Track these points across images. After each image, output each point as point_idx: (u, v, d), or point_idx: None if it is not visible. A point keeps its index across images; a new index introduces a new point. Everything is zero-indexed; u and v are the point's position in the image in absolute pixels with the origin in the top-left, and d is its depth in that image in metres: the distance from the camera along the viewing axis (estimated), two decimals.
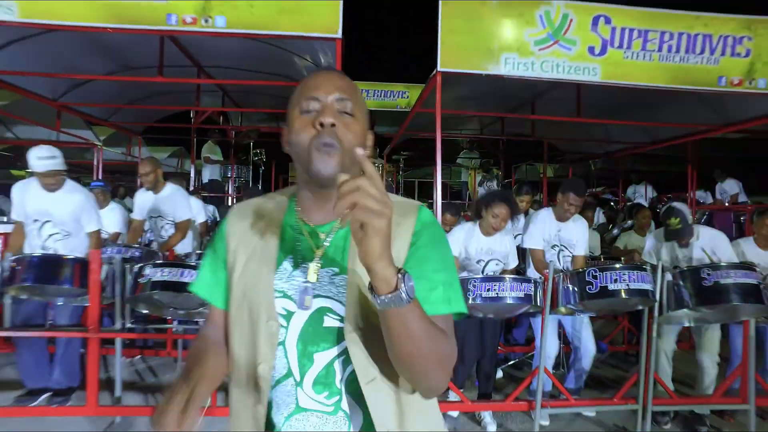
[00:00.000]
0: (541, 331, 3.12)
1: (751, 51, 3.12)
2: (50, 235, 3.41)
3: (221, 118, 8.51)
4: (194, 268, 2.97)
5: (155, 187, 4.24)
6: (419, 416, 0.95)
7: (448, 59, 2.97)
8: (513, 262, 3.40)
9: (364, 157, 0.73)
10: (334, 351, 0.94)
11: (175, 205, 4.28)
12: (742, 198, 8.32)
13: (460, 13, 2.98)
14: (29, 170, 3.39)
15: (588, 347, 3.49)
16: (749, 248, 3.46)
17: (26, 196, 3.40)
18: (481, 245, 3.28)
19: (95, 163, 6.45)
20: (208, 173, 8.75)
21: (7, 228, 4.48)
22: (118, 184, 8.96)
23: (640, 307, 3.12)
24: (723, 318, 3.31)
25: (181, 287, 2.94)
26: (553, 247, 3.54)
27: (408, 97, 8.40)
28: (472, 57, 3.01)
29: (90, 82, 4.78)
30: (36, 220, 3.39)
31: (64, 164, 3.38)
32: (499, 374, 4.11)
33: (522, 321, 4.68)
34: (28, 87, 4.40)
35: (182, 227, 4.25)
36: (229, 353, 1.01)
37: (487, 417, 3.30)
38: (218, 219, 5.93)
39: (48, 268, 3.05)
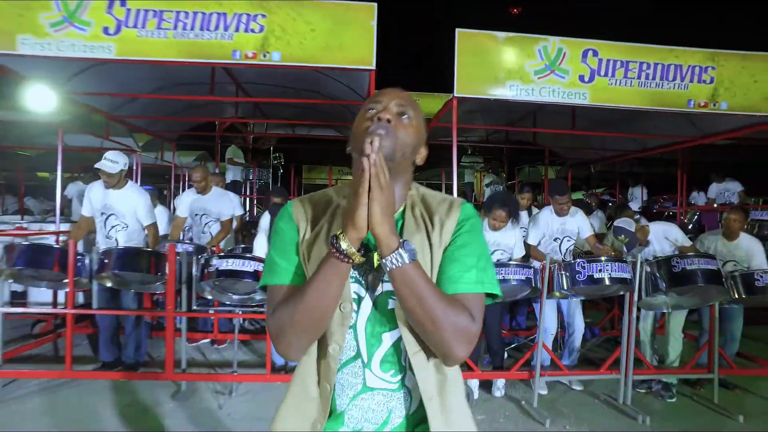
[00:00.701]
0: (540, 312, 3.74)
1: (715, 78, 3.73)
2: (113, 227, 4.05)
3: (251, 126, 9.11)
4: (252, 259, 3.59)
5: (204, 190, 4.88)
6: (456, 385, 1.06)
7: (463, 86, 3.59)
8: (519, 253, 3.99)
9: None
10: (398, 332, 1.03)
11: (221, 205, 4.92)
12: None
13: (472, 47, 3.60)
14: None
15: (578, 326, 4.10)
16: (717, 239, 4.07)
17: (93, 194, 4.03)
18: (489, 239, 3.90)
19: (134, 167, 7.09)
20: (231, 175, 9.38)
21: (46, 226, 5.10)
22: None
23: (622, 293, 3.73)
24: (694, 303, 3.92)
25: (241, 275, 3.57)
26: (555, 239, 4.16)
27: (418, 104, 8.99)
28: (483, 84, 3.62)
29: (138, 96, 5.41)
30: (102, 214, 4.02)
31: (123, 170, 3.99)
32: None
33: (523, 308, 5.29)
34: (91, 103, 5.03)
35: (226, 225, 4.88)
36: None
37: (498, 383, 3.93)
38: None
39: (130, 258, 3.68)
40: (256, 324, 5.60)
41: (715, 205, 8.51)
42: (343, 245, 0.91)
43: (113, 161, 3.83)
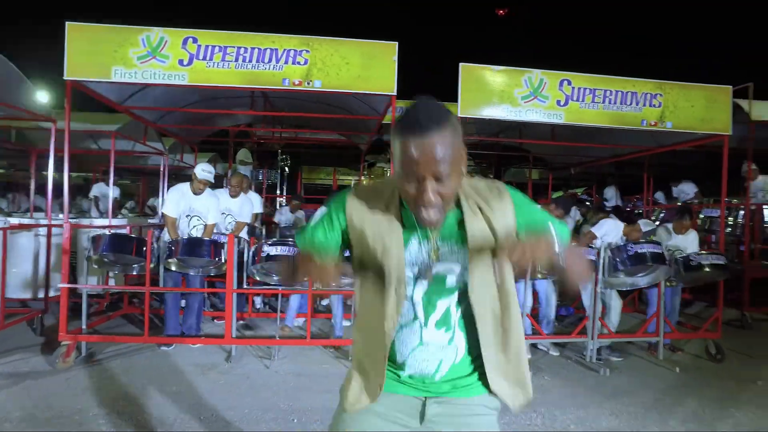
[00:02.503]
0: (525, 289, 4.66)
1: (662, 103, 4.70)
2: (195, 227, 4.84)
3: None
4: (294, 245, 4.44)
5: (236, 195, 5.69)
6: (516, 335, 1.31)
7: (465, 108, 4.49)
8: None
9: None
10: (451, 300, 1.24)
11: (243, 208, 5.73)
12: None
13: (472, 77, 4.50)
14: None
15: (552, 301, 5.02)
16: (666, 232, 5.07)
17: (179, 198, 4.83)
18: None
19: (162, 168, 7.85)
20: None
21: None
22: None
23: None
24: (648, 281, 4.87)
25: (285, 258, 4.42)
26: None
27: None
28: (480, 106, 4.53)
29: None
30: (187, 216, 4.82)
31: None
32: None
33: None
34: (140, 114, 5.83)
35: (240, 227, 5.58)
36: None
37: None
38: None
39: (194, 246, 4.50)
40: None
41: (679, 203, 9.60)
42: None
43: (208, 172, 4.71)
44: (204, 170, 4.74)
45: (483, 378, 1.29)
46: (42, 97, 5.34)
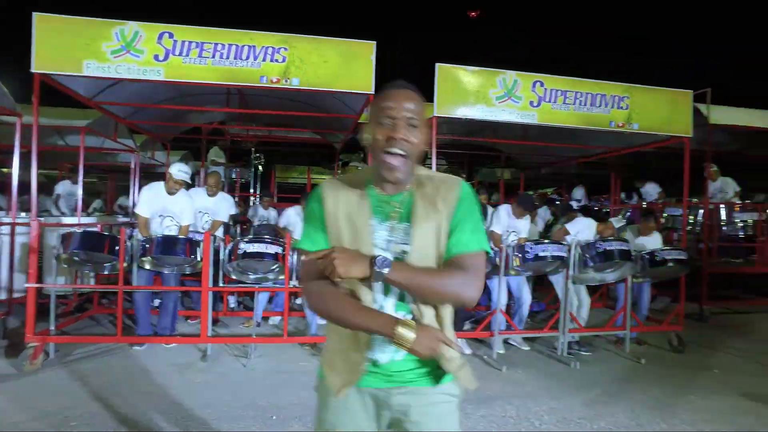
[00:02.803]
0: (498, 286, 4.78)
1: (629, 105, 4.91)
2: (167, 227, 4.74)
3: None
4: (270, 242, 4.43)
5: (214, 194, 5.62)
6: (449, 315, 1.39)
7: (441, 108, 4.58)
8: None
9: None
10: None
11: (219, 207, 5.66)
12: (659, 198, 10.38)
13: (448, 78, 4.59)
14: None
15: (525, 299, 5.15)
16: (634, 232, 5.29)
17: (152, 197, 4.74)
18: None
19: (132, 166, 7.66)
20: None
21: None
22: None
23: (561, 270, 4.83)
24: (615, 277, 5.07)
25: (263, 256, 4.41)
26: (506, 231, 5.22)
27: None
28: (456, 106, 4.62)
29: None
30: (161, 216, 4.72)
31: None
32: (467, 326, 5.74)
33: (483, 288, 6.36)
34: (111, 110, 5.68)
35: (216, 225, 5.54)
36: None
37: (463, 343, 4.95)
38: None
39: (169, 244, 4.43)
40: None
41: (649, 202, 9.98)
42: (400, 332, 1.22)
43: (185, 172, 4.62)
44: (180, 170, 4.66)
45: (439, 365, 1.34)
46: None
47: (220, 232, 5.68)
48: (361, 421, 1.36)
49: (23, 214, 5.70)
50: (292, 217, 5.53)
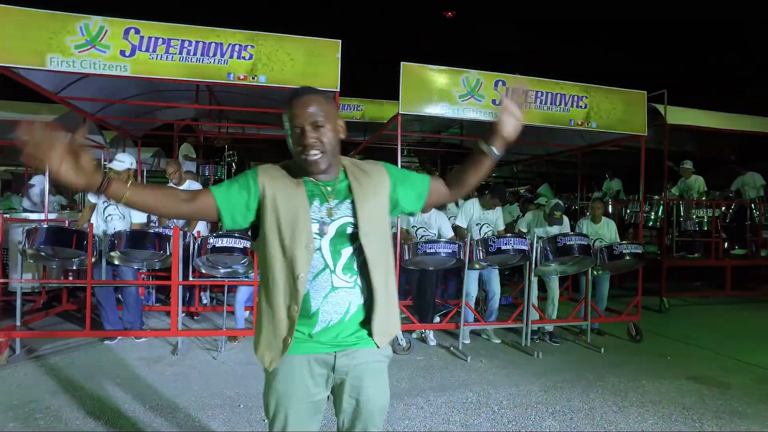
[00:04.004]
0: (466, 277, 4.93)
1: (588, 105, 5.12)
2: (109, 215, 4.75)
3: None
4: (240, 237, 4.48)
5: (179, 183, 5.63)
6: (393, 284, 1.57)
7: (406, 105, 4.70)
8: (446, 233, 5.18)
9: None
10: (352, 247, 1.48)
11: None
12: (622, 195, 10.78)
13: (412, 75, 4.72)
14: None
15: (495, 291, 5.33)
16: (587, 223, 5.51)
17: None
18: (419, 218, 5.11)
19: (102, 162, 7.57)
20: (185, 168, 9.97)
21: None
22: None
23: (522, 263, 5.02)
24: (576, 269, 5.28)
25: (232, 251, 4.46)
26: (477, 225, 5.39)
27: (362, 109, 10.05)
28: (421, 104, 4.75)
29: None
30: (104, 202, 4.70)
31: (130, 169, 4.72)
32: (437, 320, 5.89)
33: (453, 281, 6.50)
34: (78, 105, 5.64)
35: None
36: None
37: (430, 334, 5.10)
38: None
39: (138, 239, 4.45)
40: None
41: (610, 200, 10.33)
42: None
43: (120, 161, 4.58)
44: (117, 160, 4.62)
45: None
46: None
47: (202, 226, 5.67)
48: (308, 387, 1.49)
49: None
50: None
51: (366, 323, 1.51)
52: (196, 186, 5.74)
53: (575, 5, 16.93)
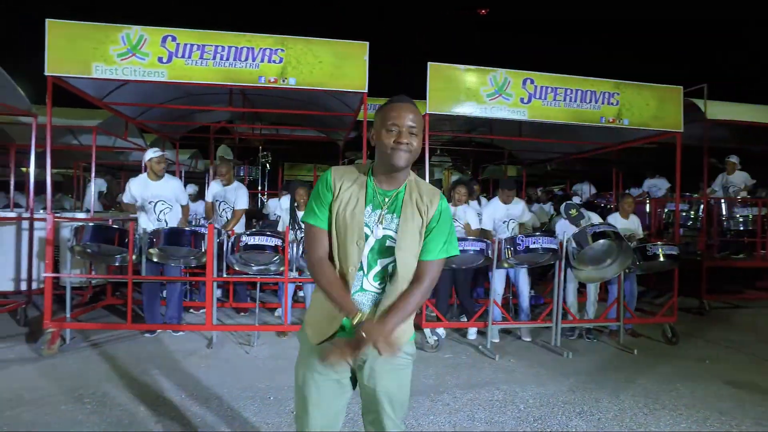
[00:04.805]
0: (493, 276, 4.92)
1: (619, 101, 5.01)
2: (161, 211, 5.00)
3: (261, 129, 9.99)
4: (271, 235, 4.63)
5: (228, 183, 5.84)
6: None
7: (433, 105, 4.73)
8: (473, 225, 5.23)
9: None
10: (389, 260, 1.62)
11: (237, 195, 5.86)
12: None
13: (440, 76, 4.74)
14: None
15: (523, 290, 5.30)
16: (617, 219, 5.38)
17: (135, 187, 5.00)
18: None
19: (143, 163, 7.92)
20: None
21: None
22: None
23: (552, 262, 4.96)
24: (615, 271, 5.10)
25: (264, 248, 4.61)
26: (504, 222, 5.37)
27: None
28: (448, 104, 4.77)
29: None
30: (150, 202, 4.97)
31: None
32: (464, 319, 5.89)
33: (481, 281, 6.48)
34: (120, 110, 5.94)
35: (238, 215, 5.81)
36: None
37: (471, 331, 5.14)
38: None
39: (175, 236, 4.66)
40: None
41: (647, 198, 10.01)
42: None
43: (155, 151, 4.95)
44: (152, 151, 4.95)
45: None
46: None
47: (241, 225, 5.85)
48: (334, 368, 1.63)
49: (41, 211, 5.99)
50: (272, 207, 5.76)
51: None
52: (242, 190, 5.86)
53: (606, 5, 16.55)
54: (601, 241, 4.67)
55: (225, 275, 4.78)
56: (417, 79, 4.94)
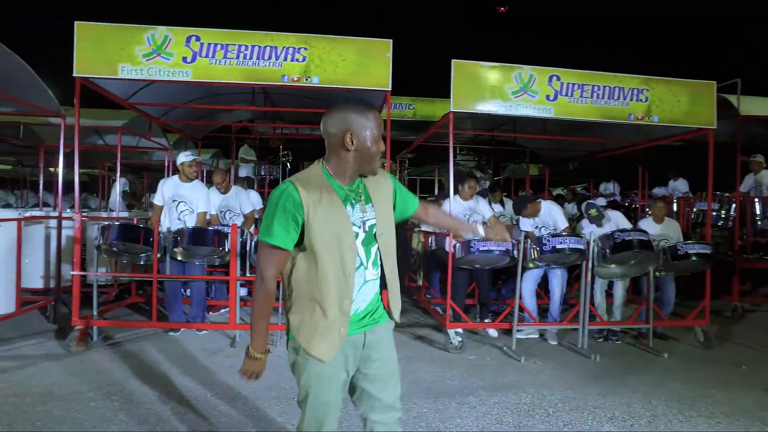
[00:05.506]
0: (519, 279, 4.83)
1: (648, 98, 4.86)
2: (182, 211, 5.03)
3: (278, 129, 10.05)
4: None
5: (226, 191, 5.84)
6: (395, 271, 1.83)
7: (458, 103, 4.65)
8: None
9: None
10: (376, 244, 1.74)
11: (240, 200, 5.88)
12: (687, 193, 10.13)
13: (464, 74, 4.66)
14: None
15: (554, 292, 5.16)
16: (648, 224, 5.23)
17: (166, 187, 5.04)
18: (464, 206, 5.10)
19: (166, 164, 8.04)
20: (244, 171, 10.38)
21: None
22: None
23: (579, 262, 4.84)
24: (638, 271, 5.01)
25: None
26: (536, 228, 5.27)
27: (414, 108, 10.05)
28: (473, 102, 4.69)
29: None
30: (174, 201, 5.00)
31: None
32: (488, 319, 5.80)
33: (509, 281, 6.37)
34: (145, 110, 6.01)
35: (249, 217, 5.78)
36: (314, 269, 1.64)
37: (490, 330, 5.05)
38: None
39: (198, 236, 4.69)
40: None
41: (675, 199, 9.76)
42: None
43: (187, 154, 4.97)
44: (185, 155, 4.97)
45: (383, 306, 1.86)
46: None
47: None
48: (343, 366, 1.73)
49: (68, 210, 6.10)
50: None
51: (381, 303, 1.84)
52: (243, 194, 5.89)
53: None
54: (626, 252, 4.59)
55: (249, 274, 4.77)
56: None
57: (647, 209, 9.17)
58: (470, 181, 5.18)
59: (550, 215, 5.25)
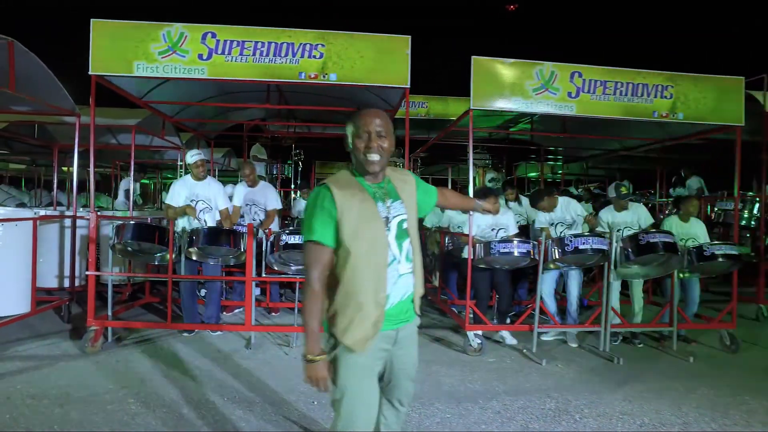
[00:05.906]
0: (537, 279, 4.72)
1: (673, 95, 4.72)
2: (201, 210, 4.98)
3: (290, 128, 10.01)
4: None
5: (254, 184, 5.80)
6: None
7: (477, 101, 4.55)
8: (513, 231, 5.03)
9: None
10: (408, 239, 1.82)
11: (267, 196, 5.83)
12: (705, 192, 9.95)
13: (484, 70, 4.56)
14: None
15: (573, 293, 5.04)
16: (675, 221, 5.08)
17: (179, 188, 4.99)
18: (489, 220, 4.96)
19: (179, 162, 8.02)
20: (257, 170, 10.34)
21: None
22: None
23: (602, 263, 4.72)
24: (660, 272, 4.89)
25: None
26: (552, 225, 5.16)
27: (427, 106, 9.94)
28: (493, 99, 4.59)
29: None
30: (192, 200, 4.96)
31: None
32: (508, 321, 5.69)
33: (524, 283, 6.27)
34: (159, 108, 5.96)
35: (272, 215, 5.76)
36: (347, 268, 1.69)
37: (506, 334, 4.94)
38: None
39: (214, 235, 4.63)
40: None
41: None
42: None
43: (195, 153, 4.91)
44: (192, 155, 4.90)
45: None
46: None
47: (276, 224, 5.79)
48: (377, 360, 1.80)
49: (81, 209, 6.08)
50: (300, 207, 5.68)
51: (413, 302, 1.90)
52: (270, 190, 5.84)
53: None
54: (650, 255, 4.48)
55: (264, 275, 4.71)
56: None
57: (665, 209, 9.06)
58: (491, 198, 4.99)
59: (568, 210, 5.14)
